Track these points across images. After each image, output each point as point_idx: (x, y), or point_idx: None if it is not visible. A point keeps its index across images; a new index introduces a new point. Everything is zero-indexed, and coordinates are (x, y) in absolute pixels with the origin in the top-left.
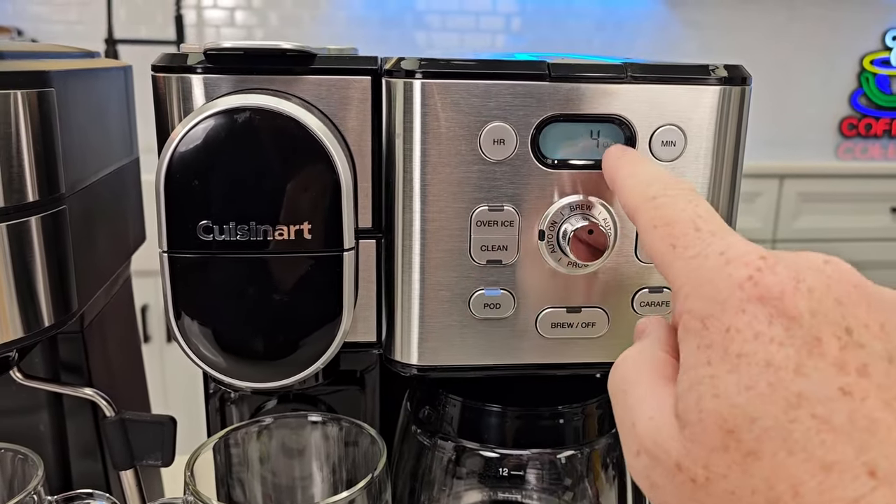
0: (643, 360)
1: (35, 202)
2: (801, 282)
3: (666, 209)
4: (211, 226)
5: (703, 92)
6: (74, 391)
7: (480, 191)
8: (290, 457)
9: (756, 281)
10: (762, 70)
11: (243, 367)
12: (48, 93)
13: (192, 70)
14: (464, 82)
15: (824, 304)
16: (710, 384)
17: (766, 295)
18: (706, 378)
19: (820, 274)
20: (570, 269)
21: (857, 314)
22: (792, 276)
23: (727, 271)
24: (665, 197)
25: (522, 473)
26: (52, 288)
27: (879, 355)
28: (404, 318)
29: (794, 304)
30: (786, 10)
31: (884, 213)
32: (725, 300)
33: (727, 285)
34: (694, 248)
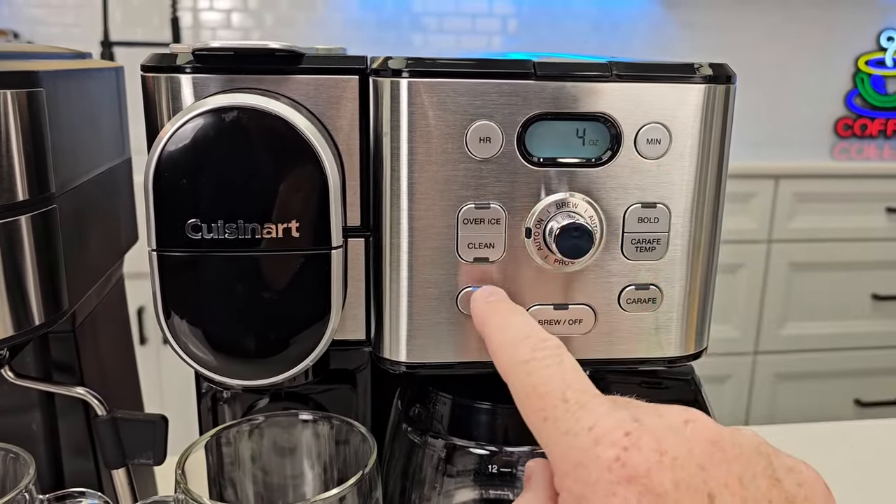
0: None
1: (25, 201)
2: (665, 454)
3: (536, 376)
4: (199, 224)
5: (688, 90)
6: (66, 390)
7: (467, 189)
8: (281, 455)
9: (623, 462)
10: (758, 70)
11: (233, 365)
12: (38, 93)
13: (181, 70)
14: (450, 81)
15: (688, 470)
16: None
17: (633, 475)
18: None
19: (681, 438)
20: (556, 266)
21: (718, 475)
22: (655, 448)
23: (596, 452)
24: (535, 361)
25: (513, 470)
26: (42, 286)
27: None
28: (393, 315)
29: (660, 480)
30: (781, 10)
31: (879, 214)
32: (596, 483)
33: (596, 467)
34: (565, 423)
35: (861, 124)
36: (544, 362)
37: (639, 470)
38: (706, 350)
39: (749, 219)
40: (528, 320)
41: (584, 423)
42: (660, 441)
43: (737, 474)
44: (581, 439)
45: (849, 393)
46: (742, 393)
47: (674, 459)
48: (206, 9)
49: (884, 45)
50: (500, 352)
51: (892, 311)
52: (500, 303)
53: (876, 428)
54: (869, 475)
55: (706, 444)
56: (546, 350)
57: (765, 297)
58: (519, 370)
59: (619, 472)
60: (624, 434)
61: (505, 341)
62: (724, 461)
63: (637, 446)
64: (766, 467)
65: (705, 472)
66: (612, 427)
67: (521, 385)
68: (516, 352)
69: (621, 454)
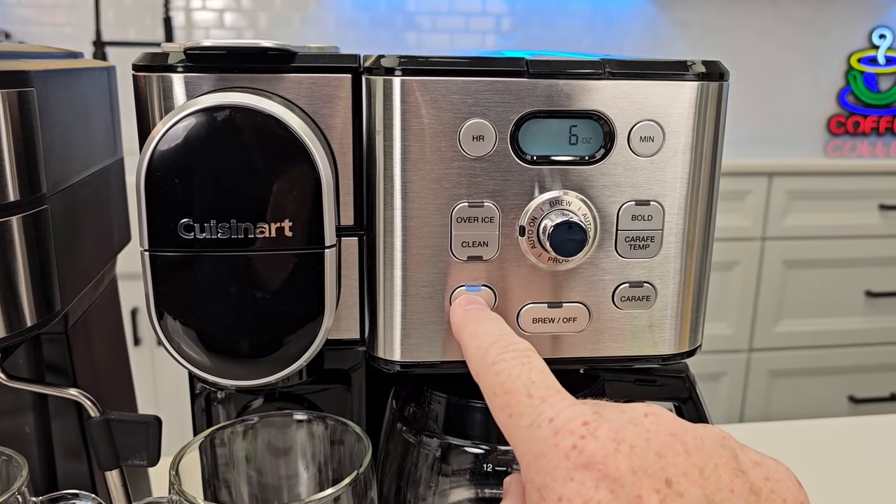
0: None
1: (16, 202)
2: (622, 442)
3: (503, 375)
4: (192, 224)
5: (681, 87)
6: (59, 392)
7: (461, 187)
8: (276, 455)
9: (580, 449)
10: (751, 69)
11: (227, 366)
12: (28, 92)
13: (173, 69)
14: (443, 79)
15: (645, 458)
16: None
17: (590, 461)
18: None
19: (639, 428)
20: (550, 264)
21: (677, 463)
22: (612, 437)
23: (555, 441)
24: (503, 363)
25: (507, 469)
26: (34, 288)
27: (699, 501)
28: (387, 314)
29: (616, 465)
30: (773, 9)
31: (872, 210)
32: (554, 470)
33: (555, 455)
34: (528, 417)
35: (854, 121)
36: (511, 363)
37: (595, 456)
38: (700, 347)
39: (743, 216)
40: (501, 326)
41: (546, 415)
42: (618, 431)
43: (697, 464)
44: (542, 431)
45: (843, 389)
46: (737, 390)
47: (631, 447)
48: (199, 8)
49: (876, 43)
50: (472, 356)
51: (886, 308)
52: (476, 311)
53: (870, 424)
54: (863, 471)
55: (666, 434)
56: (514, 352)
57: (759, 294)
58: (488, 371)
59: (575, 458)
60: (582, 424)
61: (479, 345)
62: (684, 451)
63: (594, 435)
64: (729, 459)
65: (663, 460)
66: (572, 417)
67: (489, 384)
68: (486, 355)
69: (578, 442)
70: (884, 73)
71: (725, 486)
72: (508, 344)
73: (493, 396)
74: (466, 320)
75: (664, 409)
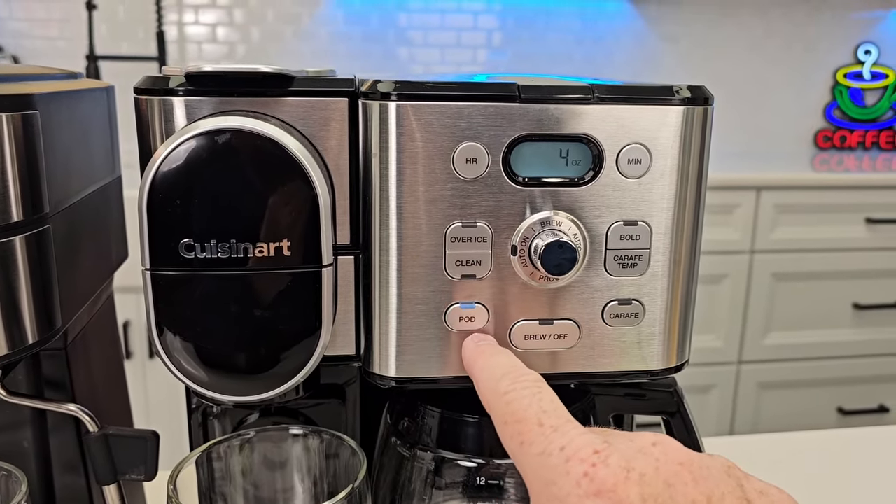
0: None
1: (19, 222)
2: (632, 470)
3: (514, 405)
4: (193, 244)
5: (668, 112)
6: (58, 407)
7: (454, 208)
8: (271, 469)
9: (591, 477)
10: (738, 84)
11: (225, 382)
12: (32, 115)
13: (174, 92)
14: (437, 104)
15: (654, 487)
16: None
17: (601, 489)
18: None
19: (648, 457)
20: (541, 282)
21: (685, 492)
22: (623, 465)
23: (566, 469)
24: (514, 392)
25: (500, 482)
26: (35, 306)
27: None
28: (382, 331)
29: (627, 493)
30: (761, 25)
31: (859, 224)
32: (566, 497)
33: (566, 483)
34: (539, 446)
35: (840, 136)
36: (522, 393)
37: (606, 484)
38: (688, 362)
39: (732, 230)
40: (512, 359)
41: (557, 444)
42: (628, 459)
43: (705, 493)
44: (553, 459)
45: (831, 401)
46: (726, 402)
47: (641, 476)
48: (192, 23)
49: (861, 59)
50: (484, 387)
51: (873, 320)
52: (486, 346)
53: (858, 436)
54: (852, 483)
55: (674, 464)
56: (525, 382)
57: (748, 306)
58: (499, 401)
59: (587, 486)
60: (593, 452)
61: (490, 376)
62: (692, 480)
63: (605, 463)
64: (735, 488)
65: (672, 489)
66: (583, 446)
67: (500, 414)
68: (498, 385)
69: (589, 470)
70: (869, 88)
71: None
72: (520, 375)
73: (504, 425)
74: (478, 354)
75: (671, 438)
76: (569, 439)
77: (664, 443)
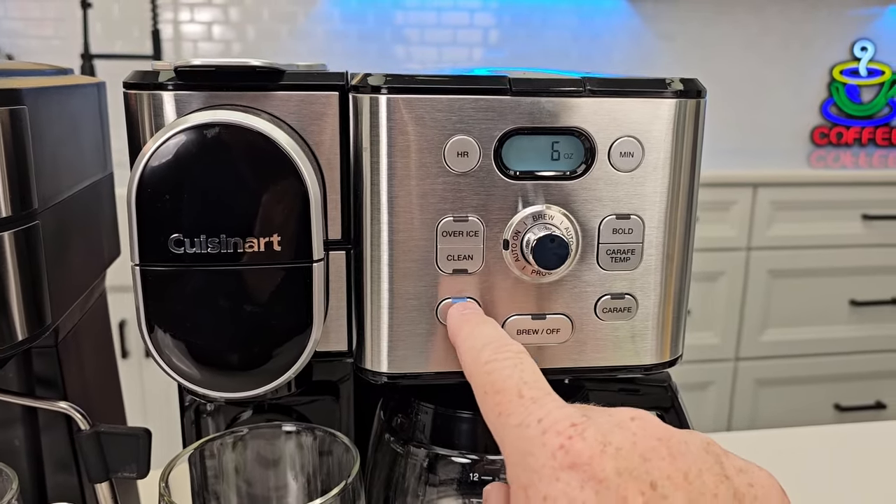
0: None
1: (8, 217)
2: (608, 444)
3: (495, 375)
4: (182, 239)
5: (660, 105)
6: (49, 405)
7: (446, 202)
8: (265, 467)
9: (567, 449)
10: (735, 81)
11: (216, 378)
12: (20, 110)
13: (163, 87)
14: (428, 97)
15: (631, 461)
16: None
17: (576, 461)
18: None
19: (626, 432)
20: (533, 277)
21: (662, 467)
22: (599, 439)
23: (542, 440)
24: (495, 362)
25: (494, 479)
26: (25, 302)
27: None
28: (374, 327)
29: (602, 466)
30: (757, 22)
31: (856, 220)
32: (541, 469)
33: (542, 454)
34: (517, 417)
35: (837, 132)
36: (504, 363)
37: (581, 457)
38: (682, 357)
39: (728, 227)
40: (496, 329)
41: (535, 415)
42: (605, 433)
43: (681, 469)
44: (531, 430)
45: (828, 397)
46: (724, 399)
47: (617, 450)
48: (187, 21)
49: (857, 55)
50: (466, 357)
51: (870, 317)
52: (472, 315)
53: (855, 432)
54: (849, 478)
55: (651, 438)
56: (507, 353)
57: (745, 303)
58: (480, 370)
59: (562, 458)
60: (570, 425)
61: (471, 347)
62: (669, 455)
63: (582, 436)
64: (713, 465)
65: (648, 464)
66: (560, 419)
67: (481, 384)
68: (480, 355)
69: (565, 442)
70: (866, 84)
71: (709, 491)
72: (502, 345)
73: (483, 395)
74: (462, 323)
75: (650, 414)
76: (546, 411)
77: (642, 417)
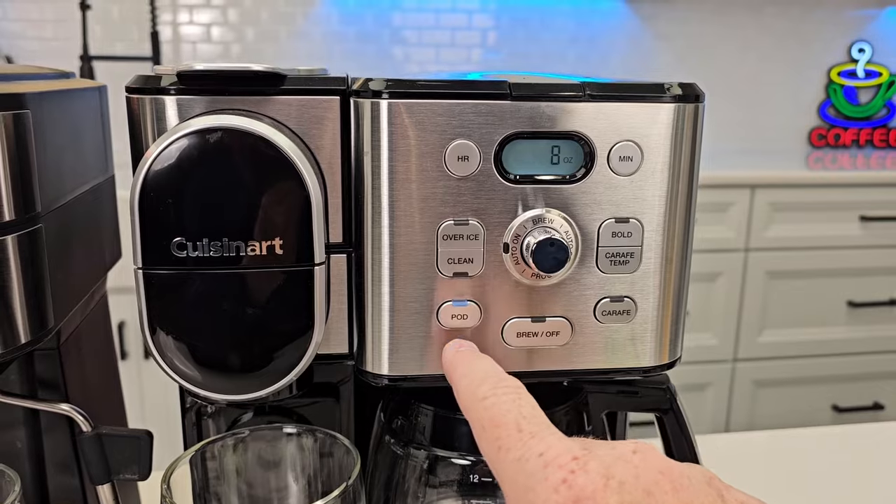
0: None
1: (11, 221)
2: (612, 478)
3: (493, 410)
4: (185, 242)
5: (659, 109)
6: (51, 407)
7: (446, 206)
8: (266, 468)
9: (570, 484)
10: (732, 82)
11: (218, 380)
12: (24, 114)
13: (166, 91)
14: (428, 102)
15: (634, 495)
16: None
17: (580, 496)
18: None
19: (628, 465)
20: (533, 280)
21: (666, 501)
22: (602, 472)
23: (544, 475)
24: (493, 398)
25: (494, 480)
26: (28, 305)
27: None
28: (375, 329)
29: (606, 501)
30: (755, 24)
31: (853, 222)
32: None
33: (544, 489)
34: (517, 451)
35: (834, 134)
36: (502, 398)
37: (585, 491)
38: (680, 359)
39: (726, 228)
40: (492, 365)
41: (535, 449)
42: (607, 467)
43: (684, 502)
44: (531, 464)
45: (826, 399)
46: (722, 400)
47: (620, 484)
48: (186, 23)
49: (855, 57)
50: (463, 393)
51: (868, 318)
52: (467, 352)
53: (853, 432)
54: (847, 479)
55: (654, 472)
56: (505, 388)
57: (743, 305)
58: (478, 406)
59: (565, 493)
60: (572, 458)
61: (469, 383)
62: (672, 489)
63: (584, 470)
64: (715, 499)
65: (651, 498)
66: (561, 452)
67: (479, 419)
68: (477, 390)
69: (568, 476)
70: (863, 86)
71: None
72: (500, 381)
73: (482, 431)
74: (458, 360)
75: (652, 446)
76: (547, 445)
77: (644, 451)
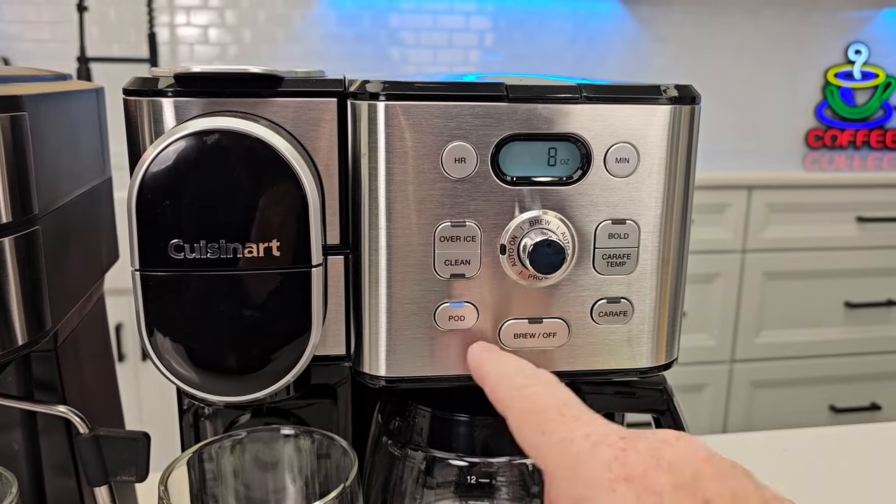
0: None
1: (8, 223)
2: (662, 458)
3: (533, 398)
4: (182, 244)
5: (655, 111)
6: (48, 409)
7: (443, 207)
8: (263, 470)
9: (622, 461)
10: (729, 84)
11: (216, 382)
12: (21, 117)
13: (163, 93)
14: (425, 104)
15: (684, 476)
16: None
17: (631, 474)
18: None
19: (674, 449)
20: (530, 281)
21: (711, 487)
22: (651, 454)
23: (594, 453)
24: (532, 387)
25: (492, 481)
26: (25, 307)
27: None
28: (372, 331)
29: (657, 480)
30: (751, 25)
31: (850, 223)
32: (597, 482)
33: (596, 467)
34: (560, 433)
35: (831, 135)
36: (539, 388)
37: (636, 469)
38: (677, 360)
39: (723, 229)
40: (522, 360)
41: (581, 431)
42: (655, 448)
43: (730, 489)
44: (578, 445)
45: (823, 399)
46: (719, 401)
47: (670, 464)
48: (184, 24)
49: (851, 59)
50: (498, 386)
51: (864, 319)
52: (494, 351)
53: (850, 433)
54: (844, 480)
55: (699, 458)
56: (541, 377)
57: (740, 306)
58: (516, 395)
59: (618, 470)
60: (620, 438)
61: (502, 376)
62: (717, 475)
63: (634, 449)
64: (756, 490)
65: (700, 481)
66: (609, 433)
67: (519, 408)
68: (513, 382)
69: (620, 454)
70: (860, 87)
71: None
72: (535, 372)
73: (523, 417)
74: (487, 357)
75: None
76: (594, 426)
77: (686, 439)
